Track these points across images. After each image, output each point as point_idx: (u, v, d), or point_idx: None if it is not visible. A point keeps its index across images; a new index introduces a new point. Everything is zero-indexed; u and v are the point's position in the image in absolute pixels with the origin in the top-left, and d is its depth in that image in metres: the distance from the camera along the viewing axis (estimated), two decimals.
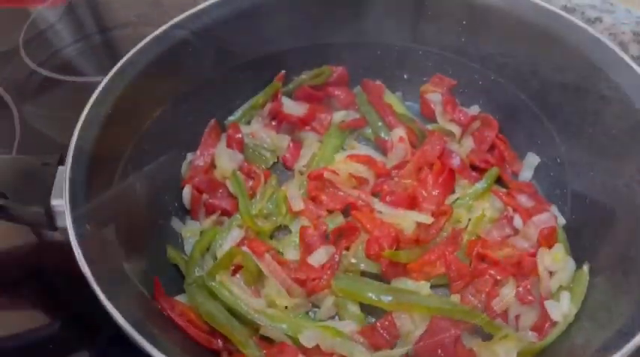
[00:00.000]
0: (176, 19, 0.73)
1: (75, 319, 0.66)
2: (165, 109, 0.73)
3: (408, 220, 0.70)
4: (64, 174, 0.57)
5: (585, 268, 0.62)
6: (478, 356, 0.57)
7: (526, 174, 0.76)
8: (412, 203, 0.71)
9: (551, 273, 0.63)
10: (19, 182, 0.59)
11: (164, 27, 0.72)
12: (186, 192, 0.74)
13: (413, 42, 0.81)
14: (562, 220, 0.69)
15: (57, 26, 1.05)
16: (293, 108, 0.82)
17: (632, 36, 0.77)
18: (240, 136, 0.79)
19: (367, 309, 0.63)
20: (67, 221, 0.52)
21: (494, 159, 0.77)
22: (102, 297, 0.47)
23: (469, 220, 0.70)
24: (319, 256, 0.66)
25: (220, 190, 0.75)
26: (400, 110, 0.82)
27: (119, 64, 0.68)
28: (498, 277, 0.63)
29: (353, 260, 0.66)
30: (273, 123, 0.82)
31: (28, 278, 0.69)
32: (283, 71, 0.83)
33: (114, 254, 0.56)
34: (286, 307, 0.63)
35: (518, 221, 0.68)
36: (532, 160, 0.76)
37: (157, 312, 0.58)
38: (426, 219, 0.69)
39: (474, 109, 0.81)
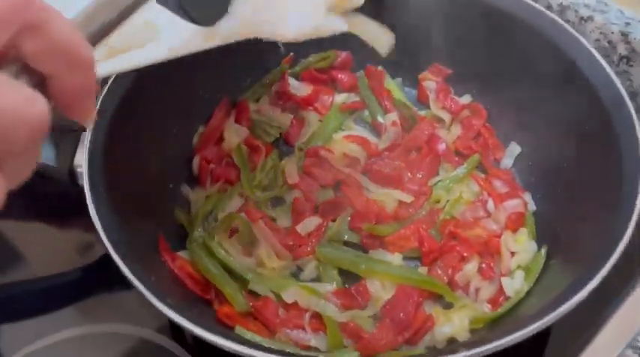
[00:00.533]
0: None
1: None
2: (183, 85, 0.81)
3: (390, 198, 0.77)
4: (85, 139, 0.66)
5: (542, 251, 0.68)
6: (435, 320, 0.64)
7: (506, 162, 0.81)
8: (397, 183, 0.78)
9: (513, 253, 0.70)
10: (49, 145, 0.68)
11: None
12: (196, 161, 0.82)
13: (414, 33, 0.87)
14: (533, 207, 0.75)
15: None
16: (298, 88, 0.90)
17: (621, 36, 0.81)
18: (248, 112, 0.87)
19: (345, 275, 0.71)
20: (84, 180, 0.61)
21: (478, 146, 0.83)
22: (107, 245, 0.56)
23: (447, 201, 0.77)
24: (307, 225, 0.74)
25: (226, 161, 0.83)
26: (398, 96, 0.88)
27: None
28: (465, 254, 0.69)
29: (337, 231, 0.74)
30: (280, 102, 0.90)
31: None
32: (292, 54, 0.90)
33: (125, 211, 0.65)
34: (273, 268, 0.71)
35: (491, 205, 0.74)
36: (513, 149, 0.81)
37: (160, 264, 0.67)
38: (407, 198, 0.76)
39: (466, 99, 0.87)
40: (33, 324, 0.70)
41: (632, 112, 0.64)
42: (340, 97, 0.90)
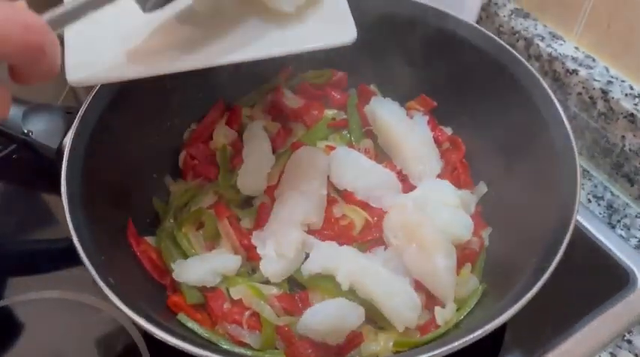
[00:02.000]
0: None
1: None
2: (180, 82, 0.87)
3: (359, 216, 0.81)
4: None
5: (480, 287, 0.71)
6: (364, 337, 0.68)
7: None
8: (364, 205, 0.82)
9: None
10: (44, 124, 0.75)
11: None
12: (182, 155, 0.88)
13: (406, 65, 0.90)
14: (487, 243, 0.78)
15: None
16: (291, 100, 0.94)
17: (601, 93, 0.82)
18: (240, 117, 0.92)
19: (293, 282, 0.75)
20: (64, 159, 0.67)
21: (452, 179, 0.85)
22: (70, 225, 0.62)
23: None
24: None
25: (210, 159, 0.88)
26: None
27: None
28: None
29: None
30: (272, 111, 0.95)
31: None
32: (290, 67, 0.95)
33: (99, 192, 0.71)
34: None
35: None
36: (481, 188, 0.83)
37: (124, 247, 0.73)
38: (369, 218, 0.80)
39: (447, 131, 0.90)
40: None
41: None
42: (329, 113, 0.94)
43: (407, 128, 0.86)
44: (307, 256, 0.74)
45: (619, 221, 0.85)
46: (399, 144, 0.86)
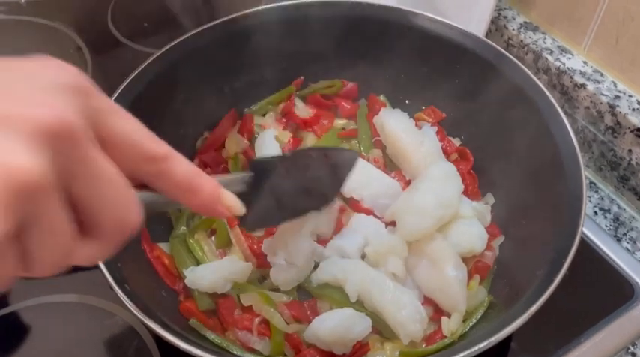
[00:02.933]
0: (226, 18, 0.89)
1: None
2: (194, 92, 0.89)
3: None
4: None
5: (487, 299, 0.72)
6: (371, 346, 0.69)
7: None
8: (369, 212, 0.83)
9: None
10: None
11: (214, 22, 0.88)
12: (194, 163, 0.90)
13: (416, 76, 0.92)
14: (497, 252, 0.79)
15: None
16: (302, 110, 0.96)
17: (608, 107, 0.83)
18: (252, 125, 0.94)
19: (302, 291, 0.76)
20: None
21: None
22: None
23: None
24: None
25: (222, 167, 0.90)
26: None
27: (167, 47, 0.84)
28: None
29: None
30: (283, 120, 0.96)
31: None
32: (302, 77, 0.97)
33: None
34: None
35: None
36: (489, 199, 0.85)
37: (138, 252, 0.75)
38: None
39: (456, 142, 0.91)
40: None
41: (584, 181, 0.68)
42: (339, 123, 0.96)
43: (415, 139, 0.87)
44: (316, 264, 0.76)
45: (625, 234, 0.86)
46: (407, 154, 0.87)
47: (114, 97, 0.78)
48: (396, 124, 0.88)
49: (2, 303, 0.78)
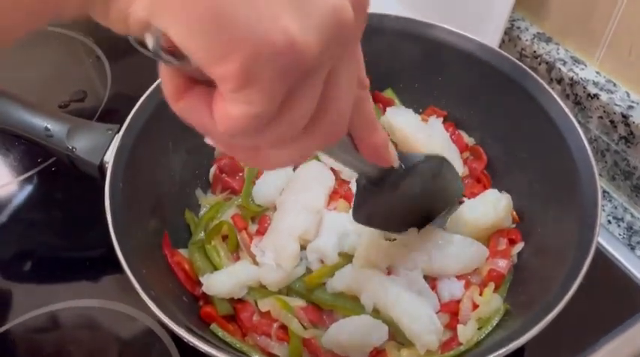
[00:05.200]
0: None
1: None
2: None
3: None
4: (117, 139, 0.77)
5: (502, 307, 0.73)
6: (387, 353, 0.70)
7: None
8: None
9: (476, 305, 0.75)
10: (87, 141, 0.80)
11: None
12: (212, 170, 0.92)
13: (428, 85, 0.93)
14: (515, 259, 0.80)
15: None
16: None
17: (622, 117, 0.84)
18: None
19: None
20: (107, 176, 0.72)
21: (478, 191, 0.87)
22: (114, 239, 0.66)
23: None
24: None
25: (238, 175, 0.92)
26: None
27: None
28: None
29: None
30: None
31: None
32: None
33: (138, 206, 0.75)
34: None
35: None
36: None
37: (160, 258, 0.77)
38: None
39: (471, 141, 0.92)
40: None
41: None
42: None
43: (424, 134, 0.88)
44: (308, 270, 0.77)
45: (638, 243, 0.87)
46: (419, 149, 0.87)
47: (135, 108, 0.80)
48: (403, 123, 0.89)
49: (31, 306, 0.80)
